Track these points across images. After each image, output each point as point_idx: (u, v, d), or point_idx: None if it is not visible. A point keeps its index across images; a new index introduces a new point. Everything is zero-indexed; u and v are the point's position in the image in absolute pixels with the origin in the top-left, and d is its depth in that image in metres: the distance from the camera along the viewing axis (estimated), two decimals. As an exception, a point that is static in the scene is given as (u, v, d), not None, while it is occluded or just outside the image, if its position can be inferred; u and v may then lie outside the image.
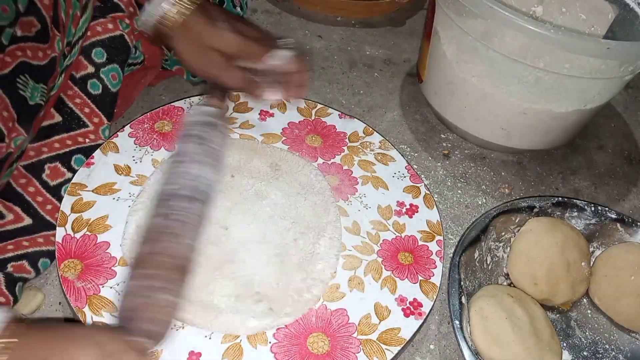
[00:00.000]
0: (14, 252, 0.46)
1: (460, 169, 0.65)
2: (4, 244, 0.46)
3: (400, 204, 0.56)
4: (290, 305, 0.47)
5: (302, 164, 0.58)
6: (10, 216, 0.47)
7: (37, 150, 0.50)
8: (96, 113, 0.53)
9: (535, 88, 0.56)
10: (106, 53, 0.53)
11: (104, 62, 0.53)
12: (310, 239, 0.51)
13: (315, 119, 0.62)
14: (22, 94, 0.45)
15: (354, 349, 0.44)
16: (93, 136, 0.54)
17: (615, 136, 0.73)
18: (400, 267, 0.51)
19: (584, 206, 0.56)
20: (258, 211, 0.53)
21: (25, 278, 0.47)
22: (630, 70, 0.55)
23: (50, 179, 0.50)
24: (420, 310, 0.48)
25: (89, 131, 0.53)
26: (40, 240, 0.48)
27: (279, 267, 0.49)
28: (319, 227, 0.52)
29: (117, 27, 0.53)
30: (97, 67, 0.53)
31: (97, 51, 0.52)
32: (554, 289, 0.51)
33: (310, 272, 0.49)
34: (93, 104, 0.53)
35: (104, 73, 0.53)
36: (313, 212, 0.54)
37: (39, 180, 0.49)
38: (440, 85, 0.64)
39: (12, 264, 0.45)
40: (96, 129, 0.54)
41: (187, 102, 0.61)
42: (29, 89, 0.45)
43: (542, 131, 0.61)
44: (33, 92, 0.46)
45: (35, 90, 0.46)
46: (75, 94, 0.52)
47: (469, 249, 0.52)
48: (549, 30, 0.49)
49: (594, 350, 0.50)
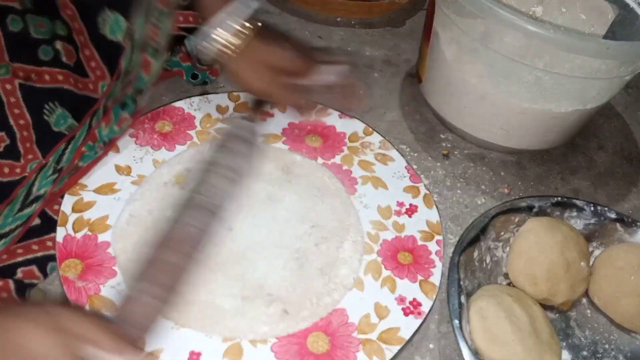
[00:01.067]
0: (23, 257, 0.46)
1: (460, 169, 0.65)
2: (14, 247, 0.46)
3: (400, 204, 0.56)
4: (308, 309, 0.46)
5: (314, 166, 0.58)
6: None
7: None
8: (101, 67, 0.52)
9: (535, 88, 0.56)
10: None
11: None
12: (334, 243, 0.51)
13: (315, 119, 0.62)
14: (45, 118, 0.45)
15: (354, 348, 0.45)
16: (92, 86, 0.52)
17: (615, 136, 0.73)
18: (399, 266, 0.51)
19: (584, 206, 0.56)
20: (272, 214, 0.52)
21: (35, 284, 0.47)
22: (630, 70, 0.55)
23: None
24: (419, 310, 0.48)
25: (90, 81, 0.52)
26: (49, 244, 0.48)
27: (296, 271, 0.49)
28: (342, 230, 0.52)
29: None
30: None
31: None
32: (553, 288, 0.51)
33: (333, 276, 0.49)
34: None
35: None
36: (334, 216, 0.53)
37: None
38: (440, 86, 0.64)
39: (22, 270, 0.45)
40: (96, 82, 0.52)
41: (187, 102, 0.61)
42: (55, 115, 0.46)
43: (541, 131, 0.61)
44: (58, 120, 0.46)
45: (62, 118, 0.47)
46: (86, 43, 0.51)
47: (468, 248, 0.52)
48: (549, 30, 0.50)
49: (593, 350, 0.51)
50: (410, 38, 0.82)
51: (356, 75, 0.56)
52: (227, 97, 0.63)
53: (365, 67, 0.76)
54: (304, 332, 0.45)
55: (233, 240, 0.50)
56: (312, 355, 0.44)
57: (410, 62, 0.78)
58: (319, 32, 0.80)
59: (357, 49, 0.78)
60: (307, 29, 0.80)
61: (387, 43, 0.80)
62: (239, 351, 0.43)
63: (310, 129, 0.61)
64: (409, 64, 0.77)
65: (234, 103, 0.62)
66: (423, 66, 0.67)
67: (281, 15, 0.82)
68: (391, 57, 0.78)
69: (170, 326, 0.44)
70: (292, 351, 0.44)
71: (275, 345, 0.44)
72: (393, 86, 0.74)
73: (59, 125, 0.47)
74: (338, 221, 0.53)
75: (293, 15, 0.82)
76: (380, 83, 0.74)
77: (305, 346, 0.44)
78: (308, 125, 0.61)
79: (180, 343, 0.43)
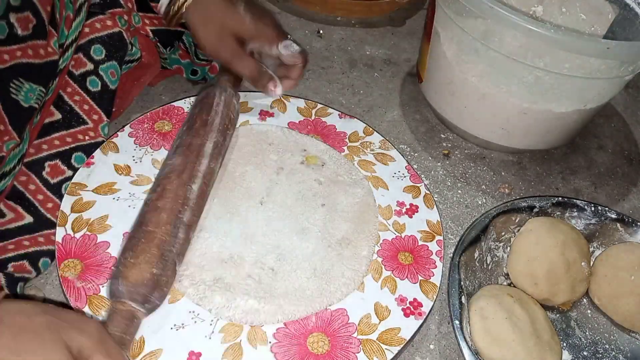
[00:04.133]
0: (14, 252, 0.46)
1: (460, 169, 0.65)
2: (5, 243, 0.46)
3: (401, 204, 0.56)
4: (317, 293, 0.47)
5: (344, 161, 0.58)
6: (11, 215, 0.47)
7: (37, 147, 0.50)
8: (95, 110, 0.53)
9: (535, 88, 0.56)
10: (105, 50, 0.53)
11: (102, 59, 0.53)
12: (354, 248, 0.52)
13: (316, 119, 0.62)
14: (14, 97, 0.45)
15: (354, 349, 0.44)
16: (93, 133, 0.54)
17: (615, 136, 0.73)
18: (400, 267, 0.51)
19: (584, 206, 0.56)
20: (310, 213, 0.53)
21: (26, 278, 0.47)
22: (630, 70, 0.55)
23: (51, 177, 0.50)
24: (420, 310, 0.48)
25: (89, 128, 0.53)
26: (41, 240, 0.48)
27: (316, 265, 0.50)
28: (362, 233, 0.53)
29: (116, 24, 0.53)
30: (96, 64, 0.53)
31: (96, 48, 0.53)
32: (554, 289, 0.51)
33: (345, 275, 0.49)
34: (92, 101, 0.53)
35: (102, 70, 0.53)
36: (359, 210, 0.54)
37: (39, 178, 0.49)
38: (440, 85, 0.64)
39: (13, 264, 0.45)
40: (95, 126, 0.54)
41: (187, 102, 0.61)
42: (23, 92, 0.45)
43: (542, 131, 0.61)
44: (27, 95, 0.46)
45: (31, 92, 0.46)
46: (74, 91, 0.52)
47: (469, 249, 0.52)
48: (549, 30, 0.49)
49: (594, 350, 0.50)
50: (411, 38, 0.82)
51: (307, 60, 0.58)
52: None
53: (365, 66, 0.76)
54: (304, 332, 0.45)
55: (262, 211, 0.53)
56: (312, 356, 0.44)
57: (410, 62, 0.78)
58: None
59: (357, 49, 0.78)
60: (307, 29, 0.80)
61: (387, 43, 0.80)
62: (239, 352, 0.43)
63: (310, 129, 0.61)
64: (409, 63, 0.77)
65: (233, 103, 0.62)
66: (423, 66, 0.67)
67: (281, 15, 0.82)
68: (391, 56, 0.78)
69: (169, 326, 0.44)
70: (292, 352, 0.44)
71: (275, 345, 0.44)
72: (393, 86, 0.74)
73: (28, 100, 0.46)
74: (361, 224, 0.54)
75: (293, 14, 0.82)
76: (380, 83, 0.74)
77: (305, 347, 0.44)
78: (308, 125, 0.61)
79: (180, 343, 0.43)
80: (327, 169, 0.57)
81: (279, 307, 0.46)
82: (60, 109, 0.51)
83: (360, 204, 0.55)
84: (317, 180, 0.56)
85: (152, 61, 0.61)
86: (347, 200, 0.55)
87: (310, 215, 0.53)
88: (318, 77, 0.73)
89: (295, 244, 0.50)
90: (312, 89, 0.71)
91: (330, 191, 0.55)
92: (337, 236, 0.52)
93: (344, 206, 0.54)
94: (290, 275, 0.48)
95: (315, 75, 0.73)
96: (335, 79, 0.73)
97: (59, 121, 0.51)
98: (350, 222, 0.53)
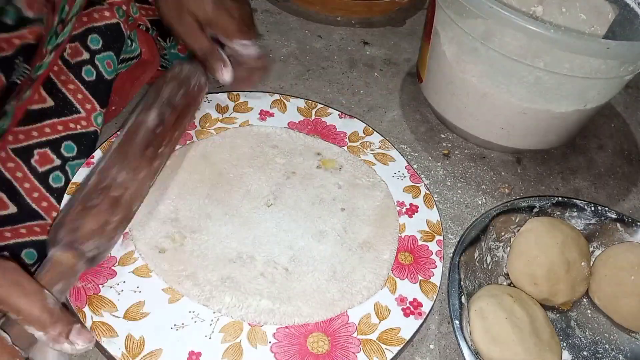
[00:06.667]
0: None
1: (460, 168, 0.65)
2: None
3: (400, 204, 0.56)
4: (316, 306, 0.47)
5: (360, 164, 0.58)
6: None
7: (27, 134, 0.49)
8: (89, 99, 0.53)
9: (535, 88, 0.56)
10: (102, 40, 0.53)
11: (99, 49, 0.53)
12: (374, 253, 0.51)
13: (315, 118, 0.62)
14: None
15: (354, 348, 0.44)
16: (85, 122, 0.53)
17: (615, 136, 0.73)
18: (400, 266, 0.51)
19: (584, 206, 0.56)
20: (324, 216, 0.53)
21: None
22: (630, 70, 0.55)
23: (39, 165, 0.49)
24: (420, 310, 0.48)
25: (81, 117, 0.52)
26: (23, 231, 0.46)
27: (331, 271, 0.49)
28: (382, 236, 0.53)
29: (114, 15, 0.53)
30: (92, 53, 0.53)
31: (92, 38, 0.52)
32: (554, 288, 0.51)
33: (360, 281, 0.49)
34: (86, 90, 0.53)
35: (99, 60, 0.53)
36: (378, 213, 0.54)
37: (28, 165, 0.48)
38: (440, 85, 0.64)
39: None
40: (88, 115, 0.53)
41: (187, 102, 0.61)
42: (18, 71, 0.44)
43: (542, 131, 0.61)
44: (18, 75, 0.45)
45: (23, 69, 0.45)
46: (69, 80, 0.52)
47: (468, 248, 0.52)
48: (549, 30, 0.49)
49: (594, 350, 0.50)
50: (411, 38, 0.82)
51: (268, 65, 0.59)
52: (227, 97, 0.63)
53: (365, 66, 0.76)
54: (304, 332, 0.45)
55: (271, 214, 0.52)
56: (312, 356, 0.44)
57: (410, 62, 0.78)
58: (319, 31, 0.80)
59: (357, 49, 0.78)
60: (307, 29, 0.80)
61: (387, 43, 0.80)
62: (239, 351, 0.43)
63: (310, 129, 0.61)
64: (409, 63, 0.77)
65: (233, 103, 0.62)
66: (423, 66, 0.67)
67: (281, 15, 0.82)
68: (391, 56, 0.78)
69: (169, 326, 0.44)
70: (292, 352, 0.44)
71: (275, 345, 0.44)
72: (393, 86, 0.74)
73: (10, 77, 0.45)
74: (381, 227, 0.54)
75: (293, 14, 0.82)
76: (380, 83, 0.74)
77: (305, 347, 0.44)
78: (308, 125, 0.61)
79: (180, 343, 0.43)
80: (345, 172, 0.57)
81: (297, 308, 0.46)
82: (53, 96, 0.51)
83: (381, 207, 0.55)
84: (336, 184, 0.56)
85: (152, 58, 0.61)
86: (367, 203, 0.55)
87: (328, 219, 0.53)
88: (318, 77, 0.73)
89: (311, 246, 0.50)
90: (312, 89, 0.71)
91: (351, 195, 0.55)
92: (359, 240, 0.52)
93: (365, 210, 0.54)
94: (307, 276, 0.48)
95: (315, 75, 0.73)
96: (335, 79, 0.73)
97: (51, 108, 0.50)
98: (372, 225, 0.53)
